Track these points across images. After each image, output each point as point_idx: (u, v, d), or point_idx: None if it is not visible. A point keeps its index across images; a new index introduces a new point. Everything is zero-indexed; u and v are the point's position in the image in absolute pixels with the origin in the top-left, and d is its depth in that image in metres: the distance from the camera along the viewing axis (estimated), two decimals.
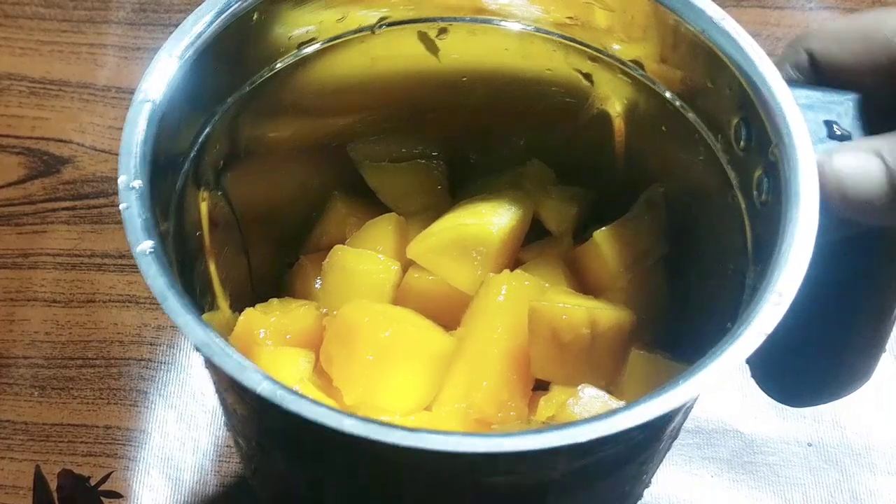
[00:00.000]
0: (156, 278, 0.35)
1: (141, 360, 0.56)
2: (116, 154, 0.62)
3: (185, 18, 0.62)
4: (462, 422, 0.44)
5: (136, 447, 0.54)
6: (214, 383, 0.41)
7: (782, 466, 0.54)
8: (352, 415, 0.32)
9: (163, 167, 0.38)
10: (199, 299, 0.44)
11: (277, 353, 0.44)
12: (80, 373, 0.56)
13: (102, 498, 0.52)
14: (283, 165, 0.48)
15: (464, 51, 0.46)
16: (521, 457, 0.32)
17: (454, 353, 0.45)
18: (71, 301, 0.58)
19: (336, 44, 0.45)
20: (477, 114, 0.49)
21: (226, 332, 0.46)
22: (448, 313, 0.46)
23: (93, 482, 0.52)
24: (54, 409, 0.55)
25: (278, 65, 0.44)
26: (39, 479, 0.52)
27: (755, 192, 0.40)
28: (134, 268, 0.59)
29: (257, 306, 0.46)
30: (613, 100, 0.47)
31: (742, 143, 0.40)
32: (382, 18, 0.45)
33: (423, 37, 0.46)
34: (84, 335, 0.57)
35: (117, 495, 0.52)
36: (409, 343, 0.44)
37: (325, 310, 0.47)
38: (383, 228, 0.48)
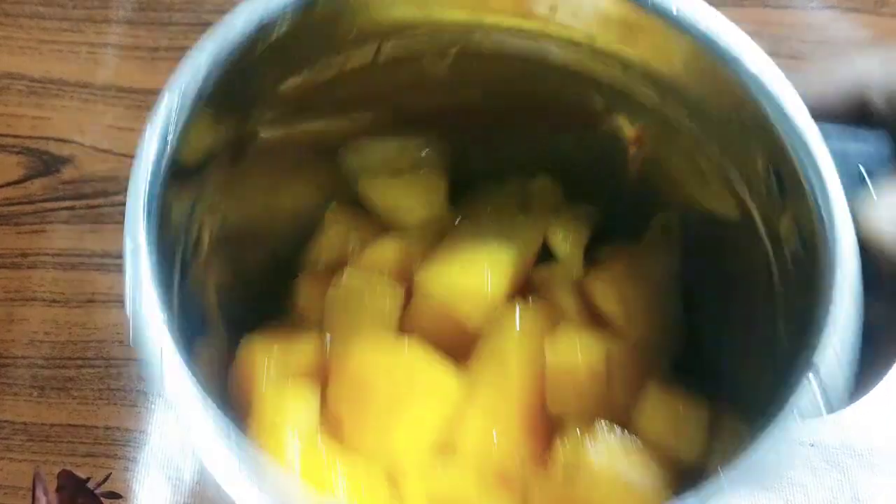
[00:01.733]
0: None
1: (141, 360, 0.56)
2: (117, 153, 0.63)
3: (184, 18, 0.62)
4: (482, 478, 0.42)
5: (135, 447, 0.54)
6: None
7: None
8: None
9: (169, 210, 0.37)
10: (196, 326, 0.42)
11: (281, 396, 0.43)
12: (80, 373, 0.56)
13: (102, 498, 0.52)
14: (280, 179, 0.47)
15: (472, 69, 0.44)
16: None
17: (468, 397, 0.43)
18: (70, 301, 0.58)
19: (332, 78, 0.42)
20: (482, 120, 0.48)
21: (224, 357, 0.45)
22: (457, 338, 0.45)
23: (93, 483, 0.52)
24: (54, 409, 0.55)
25: (267, 114, 0.42)
26: (39, 480, 0.52)
27: (785, 246, 0.38)
28: None
29: (257, 336, 0.45)
30: (630, 125, 0.45)
31: (772, 188, 0.38)
32: (378, 53, 0.42)
33: (427, 59, 0.44)
34: (84, 335, 0.57)
35: (117, 496, 0.52)
36: (424, 387, 0.43)
37: (329, 335, 0.45)
38: (385, 254, 0.47)
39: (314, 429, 0.43)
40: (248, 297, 0.47)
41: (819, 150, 0.35)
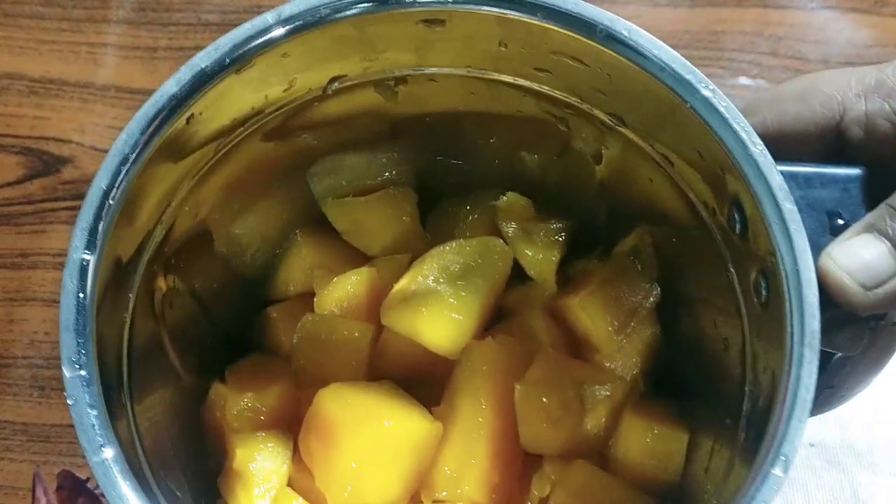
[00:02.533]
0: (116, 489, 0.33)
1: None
2: None
3: (184, 18, 0.62)
4: None
5: None
6: None
7: None
8: None
9: (116, 291, 0.37)
10: (159, 376, 0.42)
11: (253, 447, 0.42)
12: None
13: (102, 499, 0.52)
14: (244, 212, 0.45)
15: (425, 96, 0.43)
16: None
17: (441, 437, 0.42)
18: None
19: (287, 108, 0.41)
20: (444, 143, 0.46)
21: (189, 400, 0.44)
22: (429, 371, 0.44)
23: (92, 483, 0.52)
24: (54, 409, 0.55)
25: (227, 144, 0.41)
26: (39, 480, 0.52)
27: (753, 292, 0.37)
28: None
29: (228, 381, 0.45)
30: (592, 144, 0.43)
31: (737, 230, 0.37)
32: (334, 78, 0.41)
33: (380, 87, 0.43)
34: None
35: None
36: (393, 440, 0.41)
37: (300, 378, 0.45)
38: (352, 287, 0.46)
39: (284, 483, 0.42)
40: (215, 334, 0.47)
41: (784, 200, 0.34)
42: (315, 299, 0.46)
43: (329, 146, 0.46)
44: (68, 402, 0.33)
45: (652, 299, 0.45)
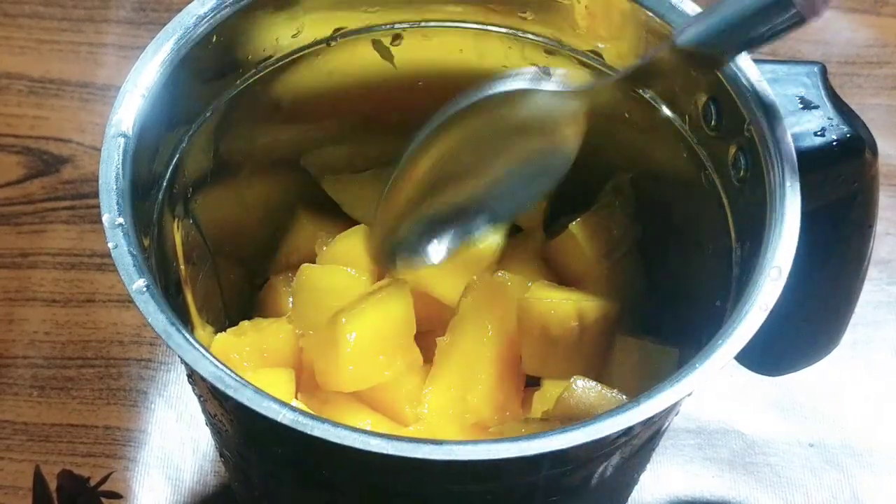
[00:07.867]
0: (156, 315, 0.34)
1: (141, 360, 0.56)
2: None
3: None
4: (459, 427, 0.44)
5: (135, 447, 0.54)
6: (207, 412, 0.41)
7: (784, 467, 0.54)
8: (376, 434, 0.33)
9: (140, 201, 0.39)
10: None
11: (258, 376, 0.43)
12: (80, 373, 0.56)
13: (102, 498, 0.52)
14: (247, 185, 0.48)
15: (419, 55, 0.47)
16: (541, 458, 0.34)
17: (447, 358, 0.45)
18: (70, 301, 0.58)
19: (293, 59, 0.45)
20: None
21: None
22: (430, 318, 0.46)
23: (92, 482, 0.52)
24: (54, 409, 0.55)
25: (239, 84, 0.44)
26: (39, 480, 0.52)
27: (732, 171, 0.40)
28: None
29: (228, 330, 0.46)
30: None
31: (712, 123, 0.41)
32: (337, 30, 0.45)
33: (378, 45, 0.46)
34: (84, 335, 0.57)
35: (117, 496, 0.52)
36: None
37: (300, 332, 0.46)
38: (353, 242, 0.48)
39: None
40: (225, 307, 0.49)
41: (757, 80, 0.39)
42: (317, 259, 0.48)
43: (324, 138, 0.49)
44: (109, 246, 0.37)
45: (634, 236, 0.48)
